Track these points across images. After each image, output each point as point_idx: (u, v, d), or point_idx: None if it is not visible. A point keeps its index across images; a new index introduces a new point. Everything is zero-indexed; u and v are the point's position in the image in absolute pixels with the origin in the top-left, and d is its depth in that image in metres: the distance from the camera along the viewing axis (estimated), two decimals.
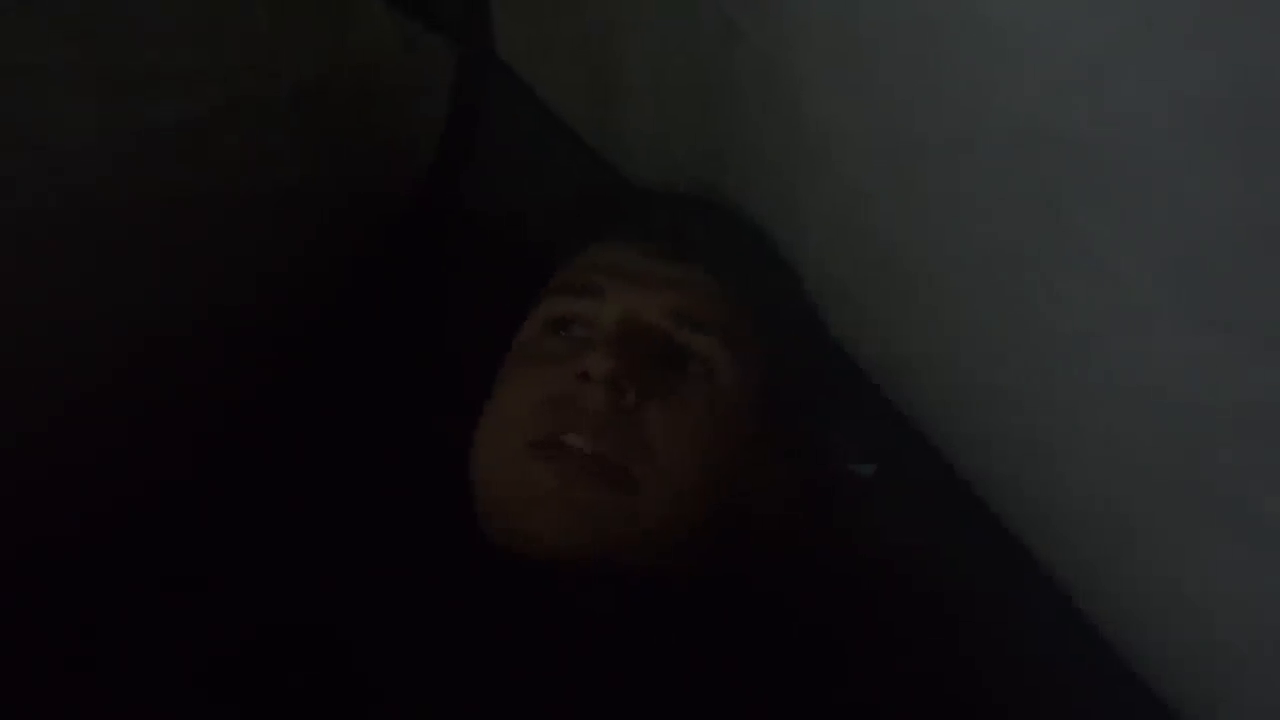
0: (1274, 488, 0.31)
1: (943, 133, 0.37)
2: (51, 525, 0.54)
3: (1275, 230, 0.27)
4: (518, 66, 0.70)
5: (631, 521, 0.53)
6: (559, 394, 0.55)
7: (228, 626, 0.52)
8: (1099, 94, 0.29)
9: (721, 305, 0.59)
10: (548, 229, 0.72)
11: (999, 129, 0.33)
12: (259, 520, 0.60)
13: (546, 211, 0.73)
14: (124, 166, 0.52)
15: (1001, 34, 0.31)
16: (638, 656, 0.50)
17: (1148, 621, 0.47)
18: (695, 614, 0.54)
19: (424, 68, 0.69)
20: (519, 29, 0.68)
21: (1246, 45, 0.26)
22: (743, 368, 0.58)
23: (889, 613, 0.60)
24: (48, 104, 0.49)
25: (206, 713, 0.49)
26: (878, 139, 0.43)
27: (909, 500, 0.64)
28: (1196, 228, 0.29)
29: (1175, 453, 0.35)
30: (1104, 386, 0.36)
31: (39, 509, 0.53)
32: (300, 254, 0.65)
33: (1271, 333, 0.28)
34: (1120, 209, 0.31)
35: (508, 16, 0.68)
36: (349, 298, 0.70)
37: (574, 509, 0.53)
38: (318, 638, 0.51)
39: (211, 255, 0.59)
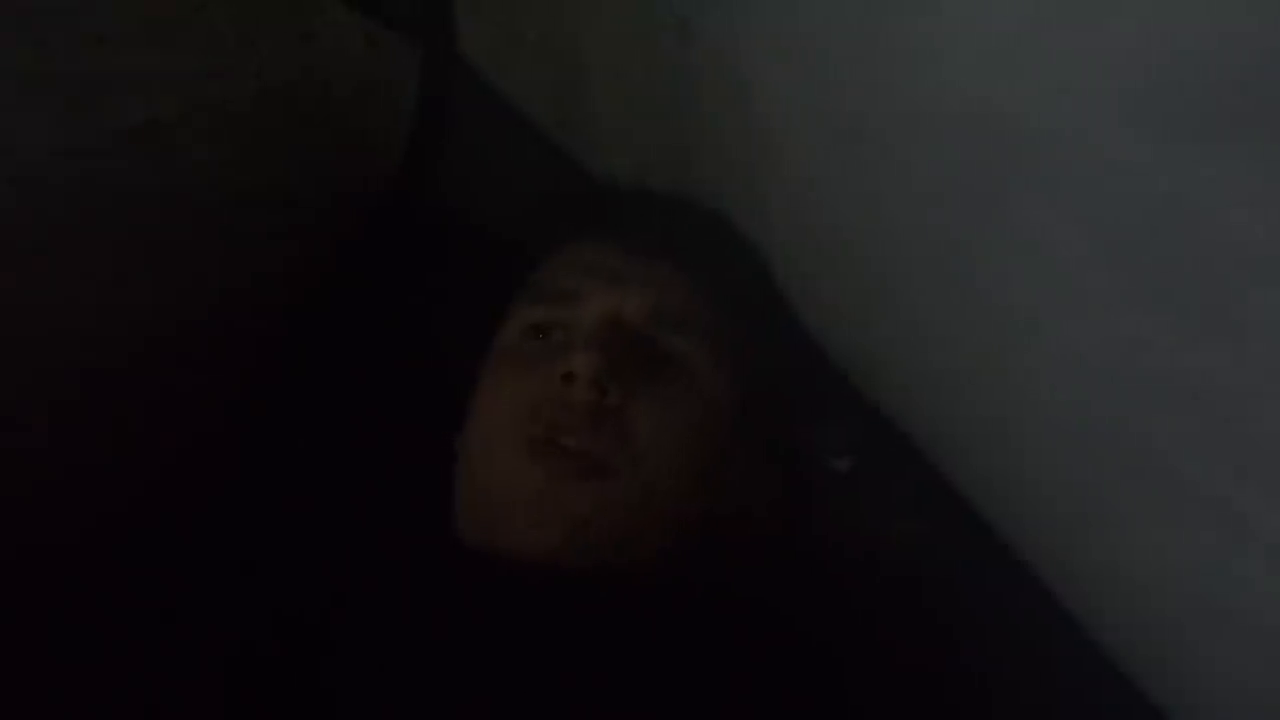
0: (1206, 463, 0.31)
1: (887, 120, 0.38)
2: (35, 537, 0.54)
3: (1199, 210, 0.27)
4: (481, 65, 0.70)
5: (615, 524, 0.53)
6: (543, 397, 0.55)
7: (208, 631, 0.53)
8: (1036, 72, 0.30)
9: (698, 303, 0.59)
10: (519, 227, 0.72)
11: (940, 112, 0.33)
12: (236, 526, 0.60)
13: (516, 209, 0.74)
14: (86, 172, 0.52)
15: (938, 13, 0.31)
16: (620, 660, 0.50)
17: (1108, 600, 0.48)
18: (677, 616, 0.54)
19: (387, 68, 0.69)
20: (481, 28, 0.69)
21: (1182, 23, 0.27)
22: (722, 365, 0.59)
23: (872, 608, 0.60)
24: (5, 109, 0.49)
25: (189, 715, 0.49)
26: (827, 129, 0.43)
27: (887, 493, 0.64)
28: (1127, 208, 0.29)
29: (1119, 431, 0.35)
30: (1052, 368, 0.37)
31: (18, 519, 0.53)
32: (269, 257, 0.65)
33: (1197, 312, 0.28)
34: (1057, 190, 0.32)
35: (469, 15, 0.69)
36: (320, 300, 0.70)
37: (557, 515, 0.53)
38: (296, 643, 0.51)
39: (178, 260, 0.59)
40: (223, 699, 0.50)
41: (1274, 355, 0.27)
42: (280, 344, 0.68)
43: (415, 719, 0.49)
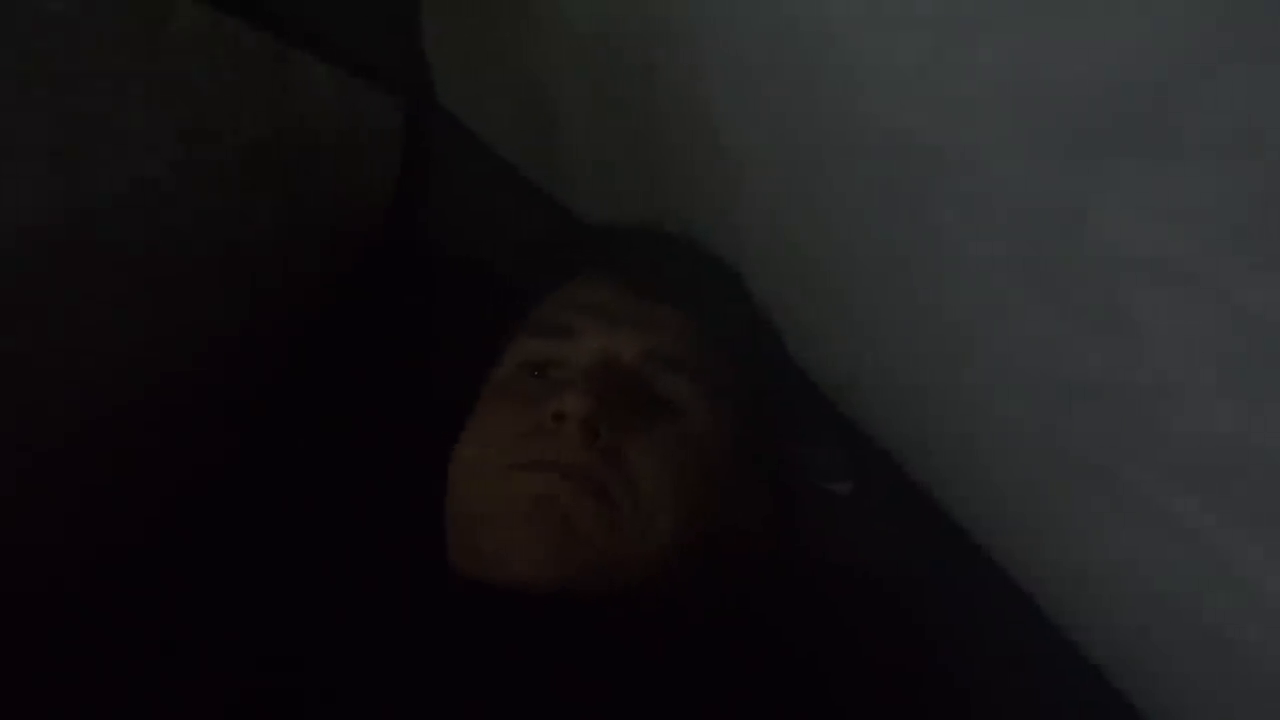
0: (1136, 464, 0.32)
1: (822, 148, 0.40)
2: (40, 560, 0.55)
3: (1093, 217, 0.29)
4: (459, 114, 0.72)
5: (609, 551, 0.53)
6: (535, 431, 0.56)
7: (212, 636, 0.53)
8: (940, 97, 0.31)
9: (693, 341, 0.60)
10: (511, 269, 0.74)
11: (859, 137, 0.35)
12: (226, 557, 0.60)
13: (503, 249, 0.75)
14: (74, 234, 0.53)
15: (844, 42, 0.33)
16: (616, 683, 0.50)
17: (1082, 603, 0.48)
18: (672, 640, 0.54)
19: (369, 117, 0.70)
20: (455, 78, 0.71)
21: (1071, 48, 0.28)
22: (715, 403, 0.59)
23: (866, 629, 0.61)
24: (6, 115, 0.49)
25: None
26: (778, 155, 0.45)
27: (880, 515, 0.65)
28: (1032, 217, 0.31)
29: (1055, 434, 0.36)
30: (991, 374, 0.38)
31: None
32: (260, 312, 0.66)
33: (1101, 313, 0.30)
34: (968, 203, 0.33)
35: (444, 66, 0.70)
36: (314, 345, 0.72)
37: (553, 527, 0.53)
38: (286, 676, 0.52)
39: (170, 316, 0.60)
40: (232, 702, 0.50)
41: (1170, 354, 0.28)
42: (276, 393, 0.69)
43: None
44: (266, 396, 0.68)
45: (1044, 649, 0.54)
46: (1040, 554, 0.46)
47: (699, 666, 0.53)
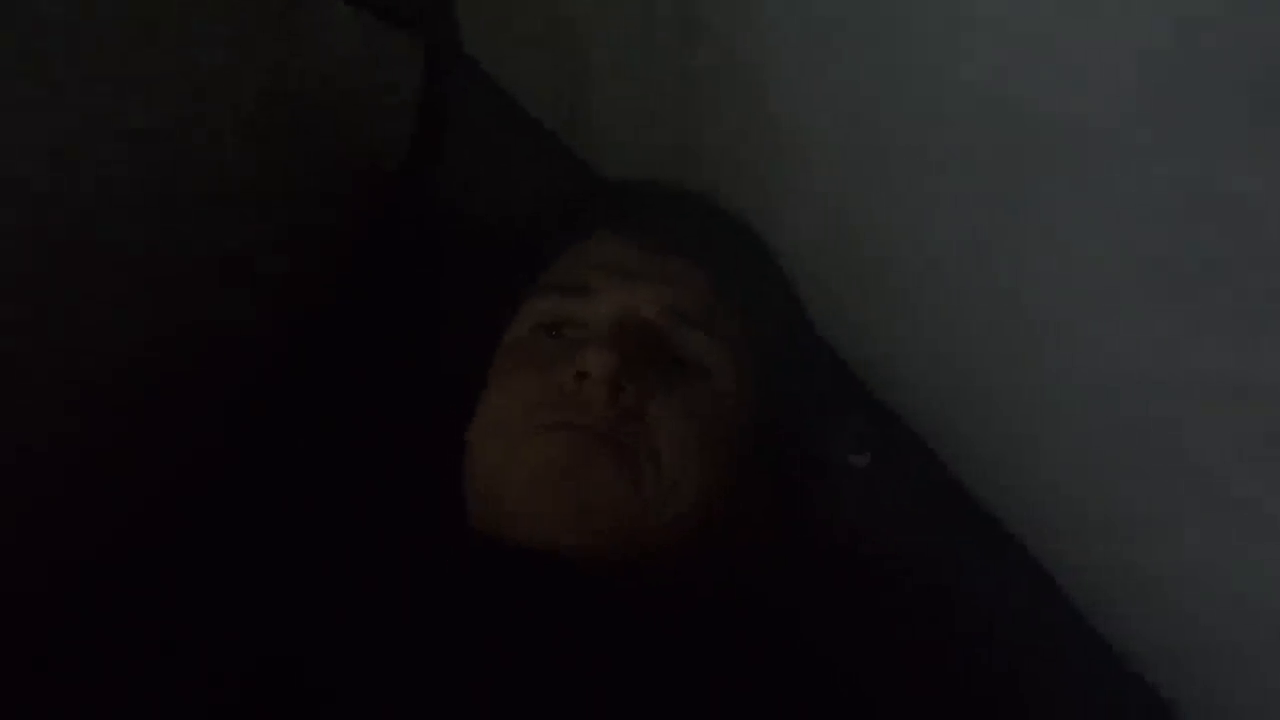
0: (1235, 463, 0.31)
1: (907, 114, 0.37)
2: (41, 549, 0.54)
3: (1226, 200, 0.27)
4: (484, 62, 0.70)
5: (632, 515, 0.52)
6: (557, 393, 0.54)
7: (215, 634, 0.52)
8: (1057, 64, 0.29)
9: (713, 300, 0.59)
10: (527, 224, 0.72)
11: (962, 106, 0.33)
12: (241, 525, 0.59)
13: (520, 206, 0.73)
14: (89, 176, 0.52)
15: (956, 7, 0.30)
16: (636, 653, 0.50)
17: (1132, 602, 0.47)
18: (691, 611, 0.53)
19: (391, 66, 0.68)
20: (483, 24, 0.68)
21: (1206, 12, 0.26)
22: (738, 363, 0.58)
23: (883, 608, 0.60)
24: (5, 115, 0.48)
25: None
26: (843, 126, 0.43)
27: (900, 492, 0.64)
28: (1155, 203, 0.29)
29: (1147, 432, 0.35)
30: (1079, 368, 0.36)
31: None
32: (275, 256, 0.64)
33: (1229, 309, 0.28)
34: (1083, 185, 0.31)
35: (472, 12, 0.68)
36: (327, 297, 0.70)
37: (576, 491, 0.52)
38: (307, 644, 0.51)
39: (183, 262, 0.58)
40: (234, 699, 0.49)
41: None
42: (288, 342, 0.67)
43: (425, 711, 0.48)
44: (277, 348, 0.66)
45: (1071, 640, 0.54)
46: (1097, 551, 0.44)
47: (707, 639, 0.52)
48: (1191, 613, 0.40)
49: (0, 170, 0.48)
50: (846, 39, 0.38)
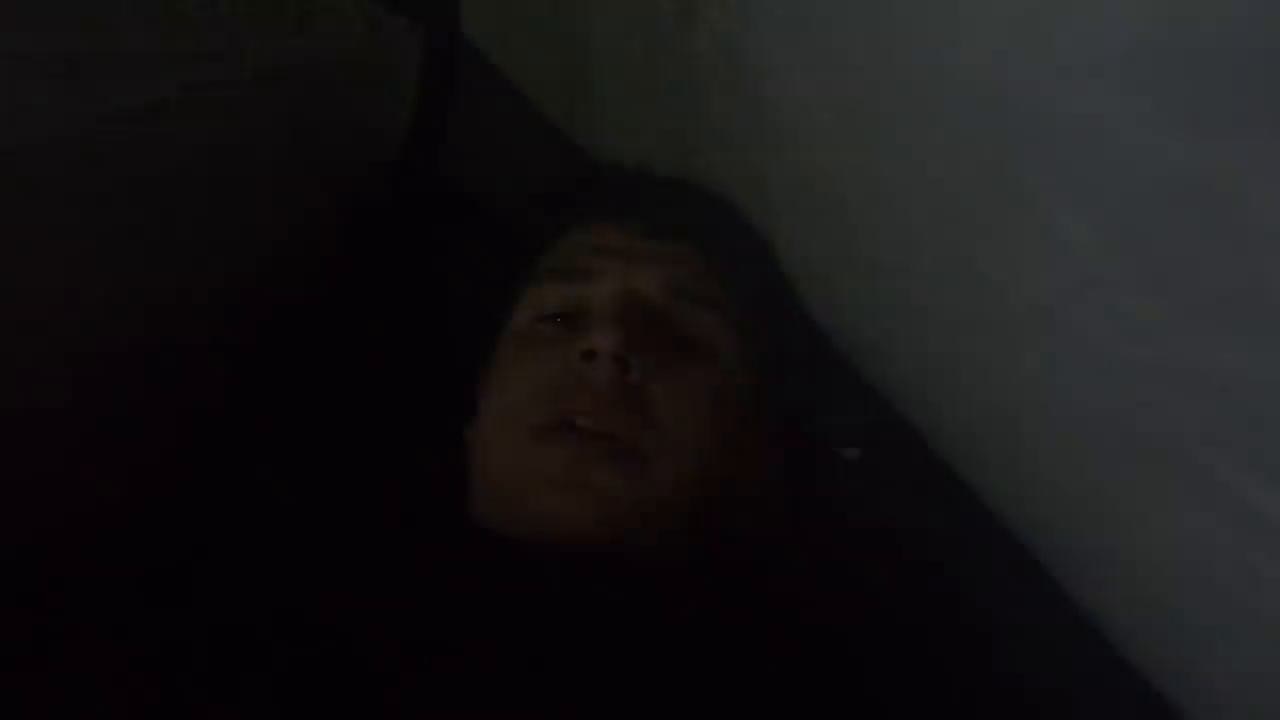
0: (1218, 452, 0.31)
1: (897, 103, 0.37)
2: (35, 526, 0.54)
3: (1211, 189, 0.27)
4: (484, 49, 0.69)
5: (642, 503, 0.52)
6: (561, 377, 0.54)
7: (224, 619, 0.52)
8: (1049, 54, 0.29)
9: (715, 280, 0.59)
10: (523, 209, 0.72)
11: (951, 96, 0.33)
12: (252, 510, 0.59)
13: (519, 192, 0.73)
14: (83, 154, 0.51)
15: None
16: (636, 641, 0.49)
17: (1116, 589, 0.47)
18: (693, 598, 0.53)
19: (390, 51, 0.68)
20: (484, 10, 0.68)
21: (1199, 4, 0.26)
22: (740, 343, 0.58)
23: (880, 593, 0.60)
24: (1, 90, 0.48)
25: (203, 705, 0.49)
26: (836, 114, 0.43)
27: (892, 480, 0.64)
28: (1141, 193, 0.29)
29: (1131, 421, 0.35)
30: (1064, 356, 0.36)
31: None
32: (269, 241, 0.64)
33: (1212, 300, 0.28)
34: (1070, 175, 0.31)
35: None
36: (322, 284, 0.70)
37: (585, 492, 0.52)
38: (315, 629, 0.51)
39: (177, 244, 0.58)
40: (234, 688, 0.49)
41: None
42: (282, 329, 0.67)
43: (435, 701, 0.48)
44: (271, 335, 0.65)
45: (1061, 627, 0.54)
46: (1083, 538, 0.45)
47: (708, 621, 0.52)
48: (1176, 604, 0.40)
49: None
50: (841, 28, 0.38)
